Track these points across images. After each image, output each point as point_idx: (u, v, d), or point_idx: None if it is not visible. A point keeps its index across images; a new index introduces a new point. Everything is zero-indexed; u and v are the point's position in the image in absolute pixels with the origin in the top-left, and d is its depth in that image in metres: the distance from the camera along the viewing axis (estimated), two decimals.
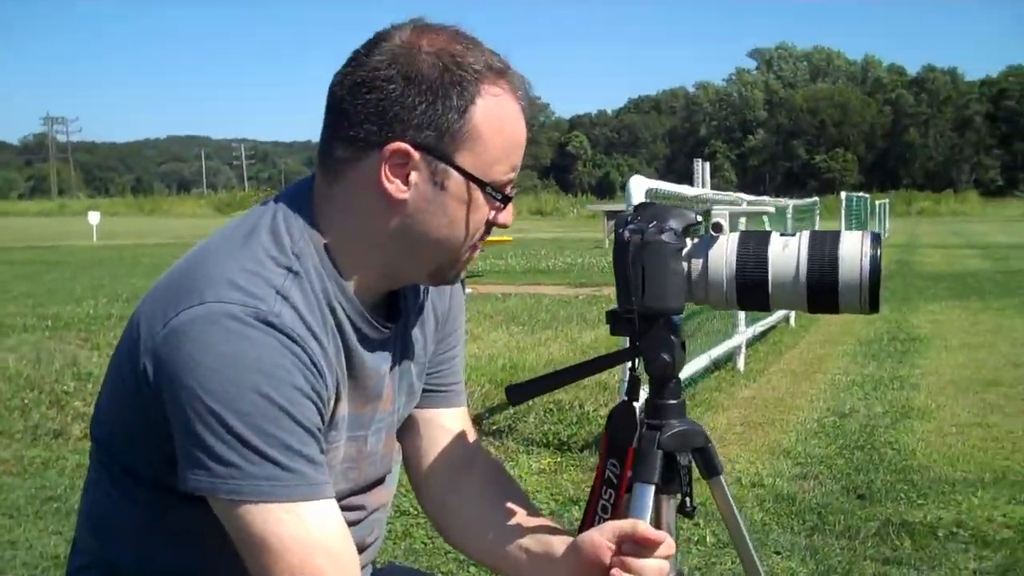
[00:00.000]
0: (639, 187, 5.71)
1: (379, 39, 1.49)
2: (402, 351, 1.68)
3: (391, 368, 1.66)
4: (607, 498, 1.61)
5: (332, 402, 1.51)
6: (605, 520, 1.59)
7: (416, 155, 1.46)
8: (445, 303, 1.81)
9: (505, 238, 25.71)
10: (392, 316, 1.64)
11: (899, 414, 7.00)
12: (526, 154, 1.58)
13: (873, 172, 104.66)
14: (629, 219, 1.54)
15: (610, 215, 29.02)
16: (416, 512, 4.73)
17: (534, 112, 1.57)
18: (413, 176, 1.47)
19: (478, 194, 1.50)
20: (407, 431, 1.82)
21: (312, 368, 1.43)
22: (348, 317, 1.54)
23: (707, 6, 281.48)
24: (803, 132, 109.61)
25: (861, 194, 30.19)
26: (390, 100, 1.44)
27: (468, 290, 16.27)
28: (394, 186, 1.47)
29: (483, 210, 1.52)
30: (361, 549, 1.70)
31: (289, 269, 1.46)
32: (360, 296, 1.55)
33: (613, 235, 1.54)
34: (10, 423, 6.67)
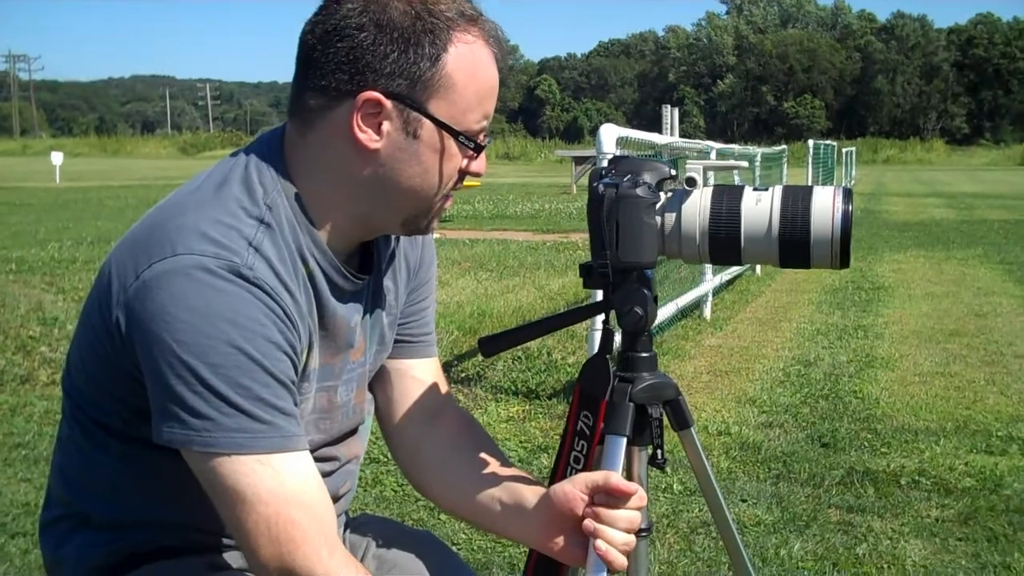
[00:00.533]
0: (610, 135, 5.70)
1: None
2: (374, 301, 1.69)
3: (362, 318, 1.66)
4: (579, 449, 1.62)
5: (305, 354, 1.51)
6: (577, 471, 1.60)
7: (388, 104, 1.45)
8: (417, 253, 1.81)
9: (474, 182, 25.66)
10: (365, 267, 1.64)
11: (863, 363, 7.08)
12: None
13: (841, 119, 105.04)
14: (603, 172, 1.54)
15: (578, 160, 28.97)
16: (386, 460, 4.75)
17: (506, 58, 1.56)
18: (386, 125, 1.46)
19: (451, 143, 1.49)
20: (379, 382, 1.82)
21: (286, 320, 1.43)
22: (321, 268, 1.53)
23: None
24: (772, 78, 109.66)
25: (828, 142, 30.24)
26: (361, 48, 1.43)
27: (435, 235, 16.25)
28: (366, 136, 1.46)
29: (456, 159, 1.52)
30: (335, 499, 1.72)
31: (261, 220, 1.45)
32: (333, 247, 1.55)
33: (587, 187, 1.53)
34: None
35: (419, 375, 1.84)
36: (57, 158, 37.96)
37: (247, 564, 1.47)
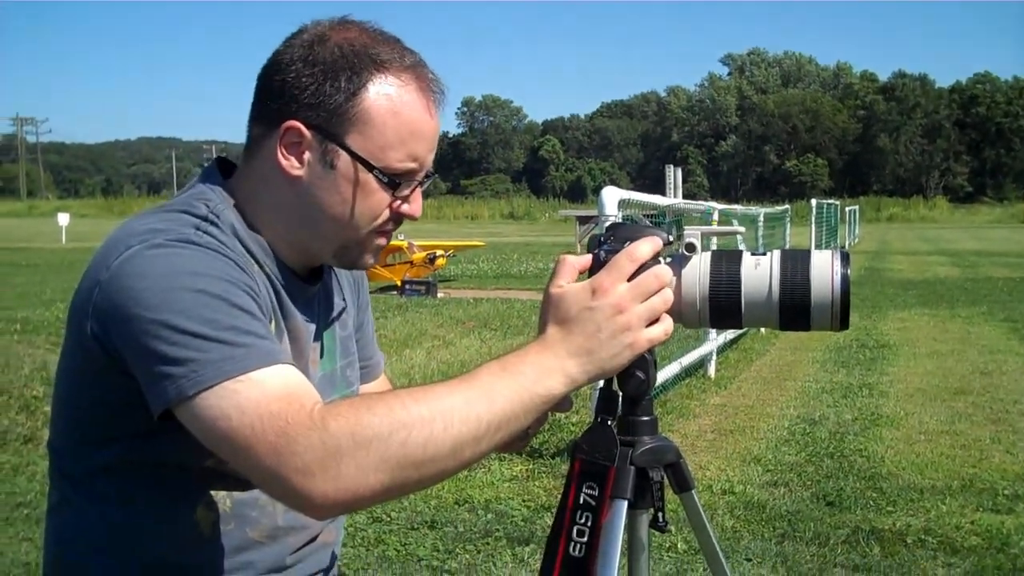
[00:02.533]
0: (612, 198, 5.74)
1: (301, 30, 1.58)
2: (326, 311, 1.73)
3: (317, 328, 1.70)
4: (583, 522, 1.59)
5: (273, 326, 1.54)
6: (582, 545, 1.58)
7: (308, 134, 1.53)
8: (357, 272, 1.88)
9: (477, 242, 25.73)
10: (311, 279, 1.69)
11: (868, 421, 7.06)
12: (497, 157, 1.60)
13: (844, 177, 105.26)
14: (603, 239, 1.54)
15: (582, 220, 29.01)
16: (389, 519, 4.74)
17: (441, 108, 1.61)
18: (307, 155, 1.54)
19: (368, 177, 1.54)
20: None
21: (242, 269, 1.48)
22: (271, 271, 1.59)
23: (680, 11, 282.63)
24: (775, 137, 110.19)
25: (831, 200, 30.40)
26: (289, 81, 1.53)
27: (440, 294, 16.28)
28: (288, 163, 1.54)
29: (376, 194, 1.56)
30: (316, 534, 1.73)
31: (206, 219, 1.52)
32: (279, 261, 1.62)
33: (587, 252, 1.54)
34: None
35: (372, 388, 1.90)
36: (63, 219, 38.17)
37: (271, 496, 1.45)
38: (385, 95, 1.52)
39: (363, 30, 1.56)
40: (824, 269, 1.46)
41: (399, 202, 1.59)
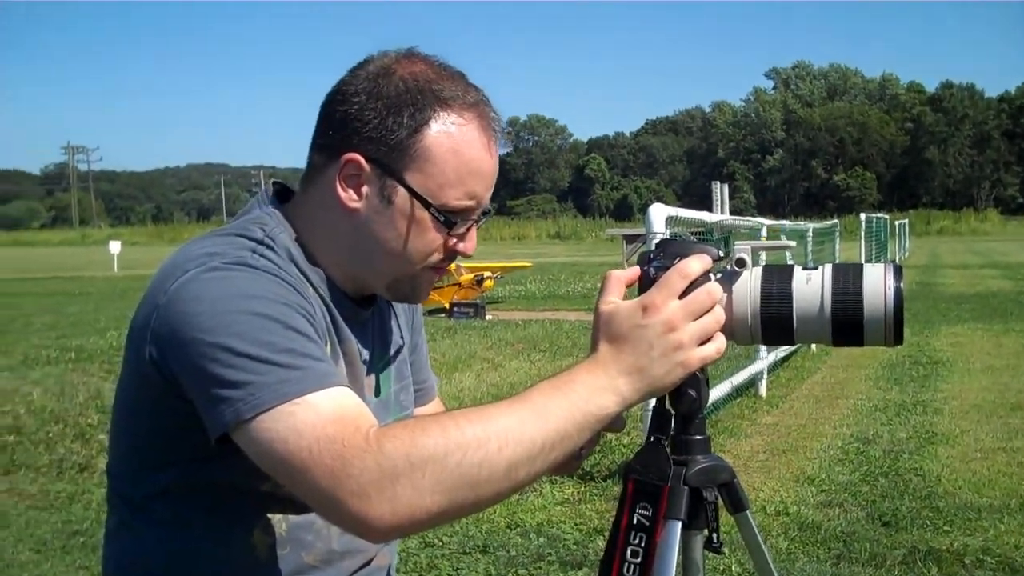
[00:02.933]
0: (659, 215, 5.72)
1: (367, 60, 1.59)
2: (381, 337, 1.75)
3: (371, 352, 1.71)
4: (636, 543, 1.59)
5: (328, 348, 1.55)
6: (635, 565, 1.57)
7: (367, 167, 1.54)
8: None
9: (524, 263, 25.74)
10: (366, 304, 1.71)
11: (923, 440, 6.97)
12: (543, 177, 1.61)
13: (892, 191, 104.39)
14: (652, 256, 1.54)
15: (629, 239, 28.90)
16: (441, 544, 4.73)
17: (498, 146, 1.62)
18: (365, 188, 1.55)
19: (424, 214, 1.55)
20: None
21: (298, 292, 1.49)
22: (327, 294, 1.61)
23: (723, 26, 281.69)
24: (822, 151, 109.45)
25: (880, 215, 30.14)
26: (351, 113, 1.54)
27: (488, 316, 16.29)
28: (347, 195, 1.56)
29: (431, 232, 1.57)
30: (370, 558, 1.73)
31: (261, 242, 1.54)
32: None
33: (638, 268, 1.53)
34: (35, 457, 6.71)
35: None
36: (115, 247, 38.62)
37: (327, 520, 1.45)
38: (446, 133, 1.53)
39: (428, 64, 1.57)
40: (877, 283, 1.44)
41: (454, 240, 1.60)
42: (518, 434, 1.33)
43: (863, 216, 22.78)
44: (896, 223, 34.64)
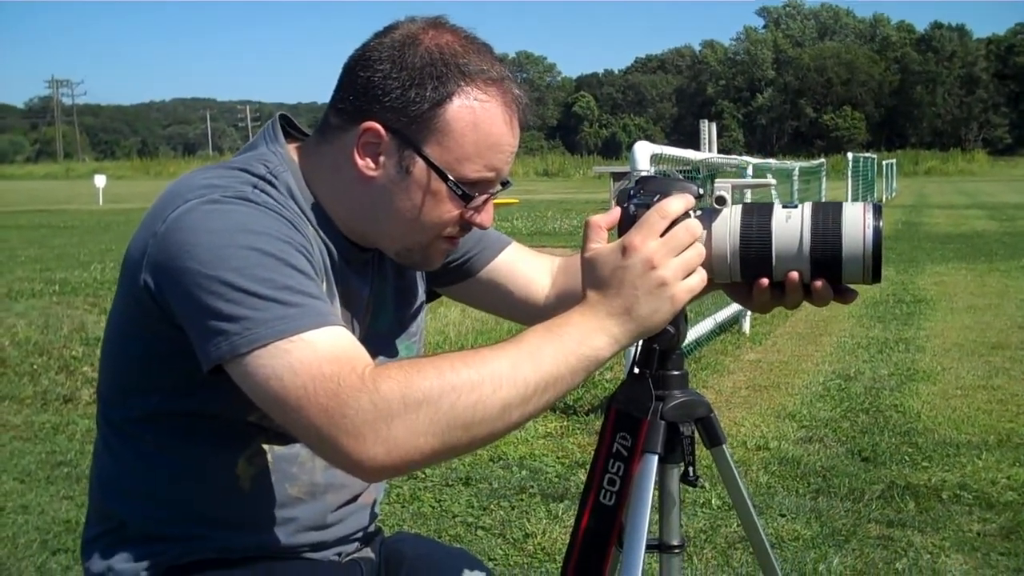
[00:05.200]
0: (644, 153, 5.70)
1: (394, 26, 1.57)
2: (379, 275, 1.74)
3: (370, 291, 1.71)
4: (615, 471, 1.61)
5: (323, 286, 1.56)
6: (612, 493, 1.59)
7: (386, 137, 1.53)
8: None
9: (511, 200, 25.70)
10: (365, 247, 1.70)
11: (904, 377, 7.02)
12: (531, 114, 1.61)
13: (881, 131, 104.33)
14: (632, 192, 1.54)
15: (616, 176, 28.86)
16: (424, 476, 4.77)
17: (524, 124, 1.61)
18: (382, 157, 1.54)
19: (441, 186, 1.55)
20: (491, 298, 1.96)
21: (296, 229, 1.50)
22: (326, 234, 1.61)
23: None
24: (811, 91, 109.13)
25: (868, 154, 30.17)
26: (375, 81, 1.52)
27: None
28: (364, 163, 1.55)
29: (447, 204, 1.57)
30: (356, 494, 1.75)
31: (263, 178, 1.55)
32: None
33: (618, 208, 1.53)
34: (20, 388, 6.71)
35: (510, 259, 1.96)
36: (100, 181, 38.45)
37: (322, 458, 1.45)
38: (468, 108, 1.52)
39: (455, 35, 1.56)
40: (856, 221, 1.44)
41: (470, 212, 1.60)
42: (512, 376, 1.34)
43: (850, 156, 22.80)
44: (884, 163, 34.66)
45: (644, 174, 2.62)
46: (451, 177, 1.53)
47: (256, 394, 1.37)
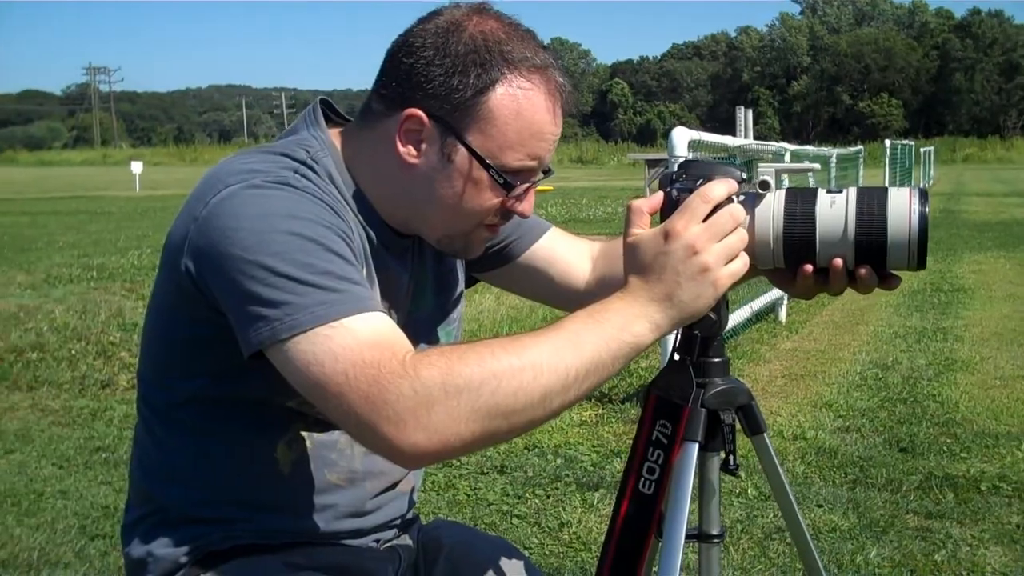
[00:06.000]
0: (682, 138, 5.67)
1: (437, 11, 1.56)
2: (419, 261, 1.74)
3: (409, 276, 1.71)
4: (654, 459, 1.59)
5: (363, 272, 1.55)
6: (651, 482, 1.58)
7: (429, 124, 1.52)
8: None
9: (546, 187, 25.64)
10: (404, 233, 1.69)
11: (942, 366, 6.96)
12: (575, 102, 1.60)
13: (918, 118, 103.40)
14: (675, 177, 1.52)
15: (651, 164, 28.71)
16: (459, 464, 4.77)
17: (567, 111, 1.60)
18: (424, 144, 1.54)
19: (483, 174, 1.54)
20: (531, 284, 1.94)
21: (337, 215, 1.49)
22: (366, 219, 1.61)
23: None
24: (847, 77, 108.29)
25: (906, 141, 29.87)
26: (418, 67, 1.51)
27: None
28: (406, 150, 1.54)
29: (488, 192, 1.56)
30: (395, 481, 1.75)
31: (304, 163, 1.54)
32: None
33: (660, 193, 1.52)
34: (58, 374, 6.77)
35: (550, 244, 1.93)
36: (137, 167, 38.73)
37: (362, 444, 1.46)
38: (511, 95, 1.51)
39: (499, 22, 1.55)
40: (902, 207, 1.43)
41: (512, 201, 1.59)
42: (553, 363, 1.33)
43: (888, 143, 22.59)
44: (921, 150, 34.33)
45: (686, 159, 2.58)
46: (493, 165, 1.52)
47: (296, 380, 1.37)
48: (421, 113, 1.51)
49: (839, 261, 1.45)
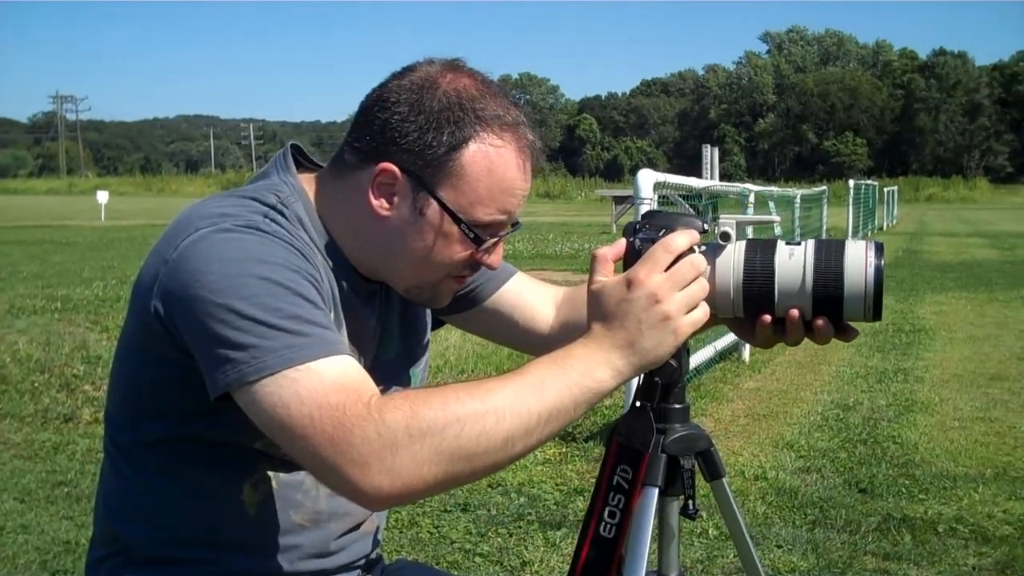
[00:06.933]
0: (647, 180, 5.73)
1: (412, 67, 1.61)
2: (386, 307, 1.76)
3: (376, 320, 1.74)
4: (615, 503, 1.62)
5: (331, 315, 1.58)
6: (612, 526, 1.61)
7: (401, 178, 1.56)
8: None
9: None
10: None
11: (903, 407, 7.03)
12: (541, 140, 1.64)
13: (883, 157, 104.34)
14: (638, 227, 1.56)
15: (618, 200, 28.98)
16: (423, 502, 4.78)
17: (535, 169, 1.64)
18: (397, 198, 1.58)
19: (453, 228, 1.58)
20: (496, 327, 1.97)
21: (306, 259, 1.52)
22: (335, 264, 1.64)
23: None
24: (813, 116, 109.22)
25: (869, 181, 30.20)
26: (392, 123, 1.56)
27: None
28: (379, 203, 1.58)
29: (459, 245, 1.60)
30: (359, 522, 1.77)
31: (274, 208, 1.57)
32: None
33: (624, 241, 1.56)
34: (20, 406, 6.73)
35: (516, 288, 1.97)
36: (102, 197, 38.46)
37: (326, 486, 1.49)
38: (483, 152, 1.55)
39: (473, 79, 1.59)
40: (858, 260, 1.47)
41: (481, 254, 1.63)
42: (516, 408, 1.37)
43: (851, 183, 22.81)
44: (885, 190, 34.69)
45: (649, 208, 2.63)
46: (464, 220, 1.57)
47: (262, 422, 1.39)
48: (394, 168, 1.55)
49: (796, 312, 1.49)
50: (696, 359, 7.39)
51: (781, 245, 1.52)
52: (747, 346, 8.96)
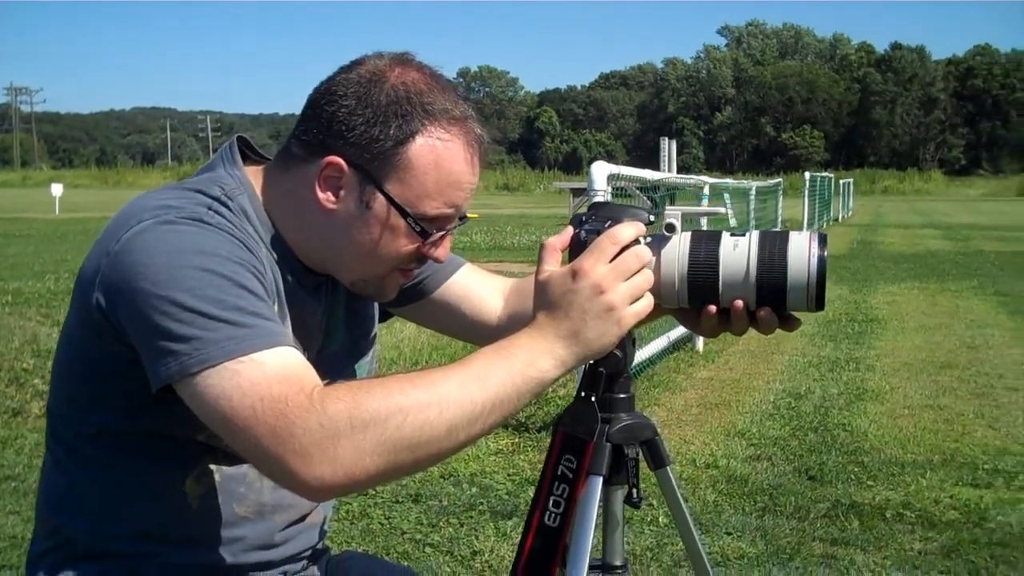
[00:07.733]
0: (601, 172, 5.76)
1: (360, 61, 1.60)
2: (332, 296, 1.76)
3: (322, 312, 1.73)
4: (559, 493, 1.63)
5: (275, 307, 1.57)
6: (557, 515, 1.62)
7: (348, 171, 1.55)
8: None
9: (471, 214, 25.64)
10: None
11: (853, 396, 7.11)
12: (493, 128, 1.65)
13: (840, 149, 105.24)
14: (584, 218, 1.57)
15: (576, 192, 28.95)
16: (374, 493, 4.78)
17: (483, 163, 1.64)
18: (343, 191, 1.57)
19: (400, 222, 1.57)
20: (444, 319, 1.97)
21: (250, 251, 1.52)
22: (280, 256, 1.63)
23: None
24: (771, 109, 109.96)
25: (825, 173, 30.43)
26: (339, 116, 1.54)
27: None
28: (325, 196, 1.57)
29: (404, 238, 1.60)
30: (304, 514, 1.77)
31: (218, 199, 1.56)
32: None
33: (571, 229, 1.57)
34: None
35: (463, 280, 1.97)
36: (57, 189, 38.07)
37: (269, 477, 1.47)
38: (430, 146, 1.55)
39: (421, 73, 1.58)
40: (801, 251, 1.48)
41: (428, 247, 1.63)
42: (459, 398, 1.37)
43: (807, 175, 22.97)
44: (841, 182, 34.97)
45: (596, 199, 2.63)
46: (411, 213, 1.56)
47: (205, 414, 1.39)
48: (341, 161, 1.54)
49: (740, 303, 1.50)
50: (650, 349, 7.43)
51: (726, 236, 1.53)
52: (701, 336, 9.01)
